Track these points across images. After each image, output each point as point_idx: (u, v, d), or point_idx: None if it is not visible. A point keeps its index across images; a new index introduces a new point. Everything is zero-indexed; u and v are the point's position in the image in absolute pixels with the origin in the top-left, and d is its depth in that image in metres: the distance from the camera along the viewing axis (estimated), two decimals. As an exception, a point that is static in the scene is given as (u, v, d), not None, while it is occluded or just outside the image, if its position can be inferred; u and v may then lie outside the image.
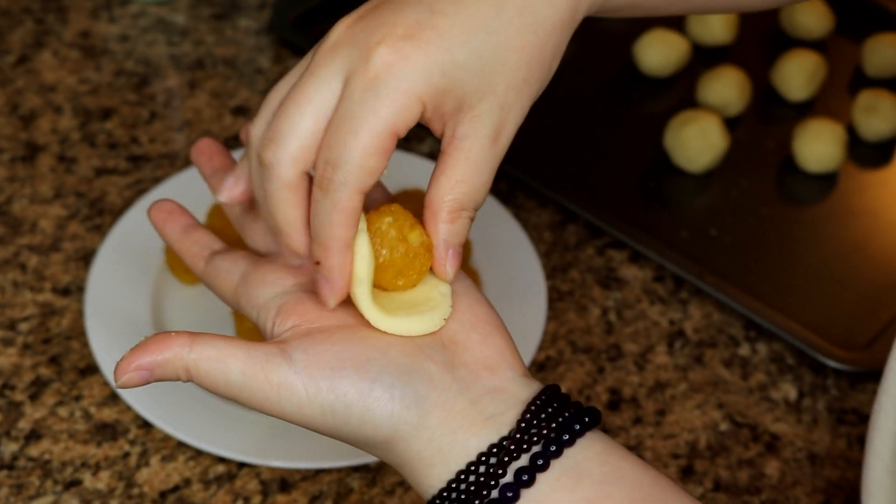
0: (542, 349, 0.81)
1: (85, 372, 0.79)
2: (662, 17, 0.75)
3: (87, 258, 0.85)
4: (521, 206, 0.91)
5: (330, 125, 0.51)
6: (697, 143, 0.92)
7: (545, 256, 0.87)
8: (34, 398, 0.77)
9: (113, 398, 0.77)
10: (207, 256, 0.59)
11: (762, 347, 0.83)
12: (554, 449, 0.49)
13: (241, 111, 0.97)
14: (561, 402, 0.51)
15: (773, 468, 0.76)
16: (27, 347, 0.80)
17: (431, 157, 0.93)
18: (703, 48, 1.05)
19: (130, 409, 0.76)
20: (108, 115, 0.97)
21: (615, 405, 0.79)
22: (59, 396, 0.77)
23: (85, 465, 0.74)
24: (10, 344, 0.80)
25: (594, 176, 0.94)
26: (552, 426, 0.50)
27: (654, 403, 0.79)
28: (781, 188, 0.95)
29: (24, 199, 0.90)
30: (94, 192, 0.90)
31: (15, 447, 0.75)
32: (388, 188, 0.60)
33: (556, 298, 0.85)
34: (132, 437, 0.75)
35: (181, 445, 0.75)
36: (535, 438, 0.50)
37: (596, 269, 0.87)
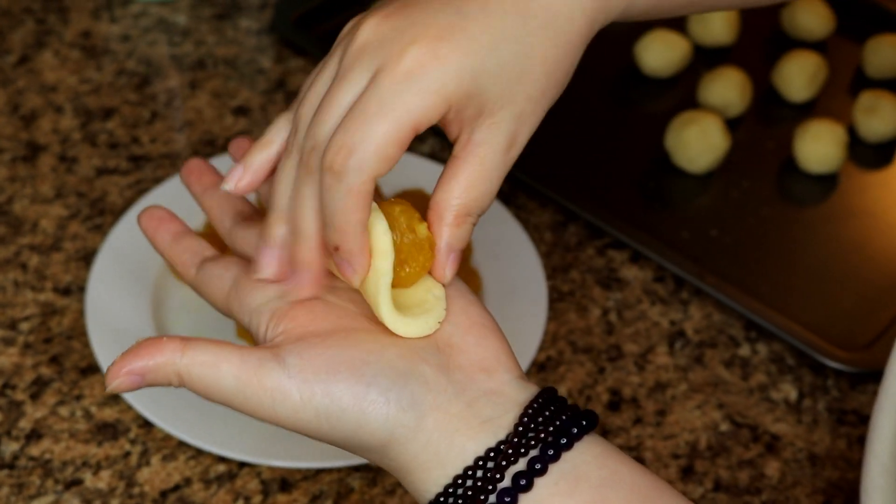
0: (542, 349, 0.81)
1: (86, 371, 0.79)
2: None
3: (87, 258, 0.85)
4: (521, 206, 0.91)
5: (349, 113, 0.51)
6: (698, 143, 0.92)
7: (546, 257, 0.87)
8: (35, 398, 0.77)
9: (114, 398, 0.77)
10: (198, 264, 0.59)
11: (762, 348, 0.83)
12: (552, 453, 0.49)
13: (242, 111, 0.97)
14: (558, 404, 0.51)
15: (773, 469, 0.76)
16: (28, 347, 0.80)
17: (431, 157, 0.93)
18: (704, 49, 1.05)
19: (131, 408, 0.76)
20: (109, 114, 0.97)
21: (615, 405, 0.79)
22: (59, 396, 0.77)
23: (86, 464, 0.74)
24: (10, 343, 0.80)
25: (595, 176, 0.94)
26: (549, 430, 0.50)
27: (654, 404, 0.79)
28: (782, 189, 0.95)
29: (24, 198, 0.90)
30: (94, 191, 0.90)
31: (16, 447, 0.75)
32: (388, 188, 0.60)
33: (556, 299, 0.85)
34: (133, 436, 0.75)
35: (182, 445, 0.75)
36: (532, 442, 0.49)
37: (596, 269, 0.87)
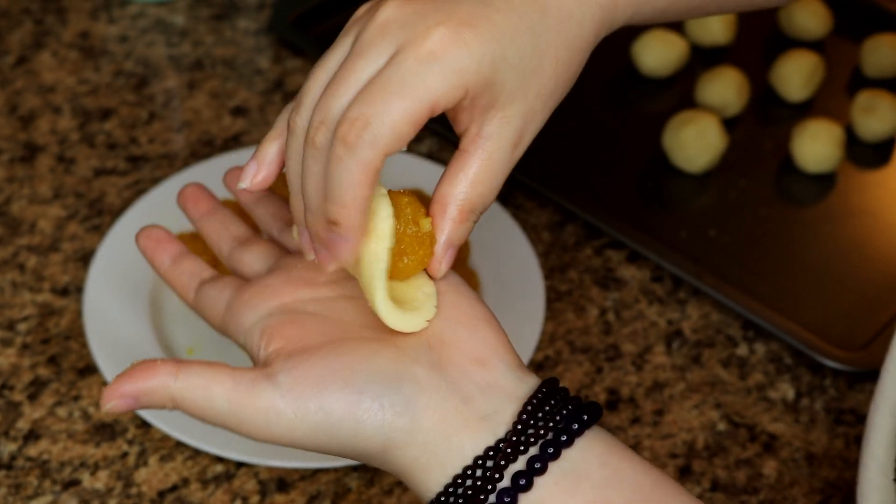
0: (540, 349, 0.81)
1: (83, 372, 0.79)
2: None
3: (85, 258, 0.85)
4: (519, 206, 0.91)
5: (368, 86, 0.50)
6: (696, 143, 0.92)
7: (543, 256, 0.87)
8: (33, 398, 0.77)
9: (111, 398, 0.77)
10: (196, 286, 0.60)
11: (760, 347, 0.83)
12: (552, 451, 0.49)
13: (240, 112, 0.97)
14: (559, 397, 0.50)
15: (770, 468, 0.76)
16: (26, 348, 0.80)
17: (431, 157, 0.93)
18: (701, 48, 1.05)
19: (129, 409, 0.76)
20: (107, 115, 0.97)
21: (613, 405, 0.79)
22: (57, 396, 0.77)
23: (83, 464, 0.74)
24: (8, 344, 0.80)
25: (593, 176, 0.94)
26: (549, 426, 0.49)
27: (652, 403, 0.79)
28: (780, 188, 0.95)
29: (23, 199, 0.90)
30: (93, 192, 0.90)
31: (13, 447, 0.75)
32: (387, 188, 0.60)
33: (554, 298, 0.85)
34: (130, 436, 0.75)
35: (179, 445, 0.75)
36: (532, 439, 0.49)
37: (594, 269, 0.87)
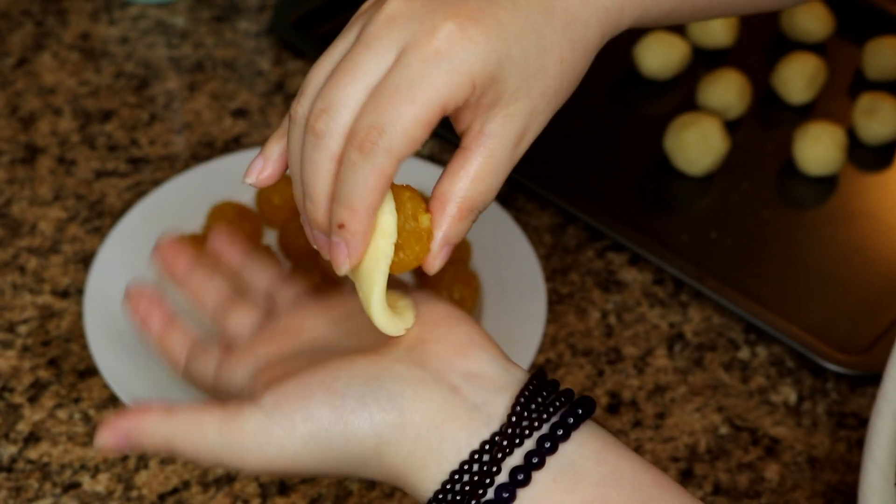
0: (541, 352, 0.81)
1: (84, 374, 0.78)
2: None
3: (86, 260, 0.85)
4: (520, 208, 0.91)
5: (378, 90, 0.50)
6: (697, 145, 0.92)
7: (545, 259, 0.87)
8: (33, 400, 0.77)
9: (112, 400, 0.77)
10: (185, 357, 0.61)
11: (762, 351, 0.82)
12: (549, 446, 0.49)
13: (240, 113, 0.97)
14: (550, 389, 0.51)
15: (772, 472, 0.76)
16: (26, 350, 0.80)
17: (430, 158, 0.93)
18: (703, 51, 1.04)
19: (129, 411, 0.76)
20: (107, 117, 0.97)
21: (615, 408, 0.79)
22: (58, 399, 0.77)
23: (84, 467, 0.74)
24: (9, 346, 0.80)
25: (594, 178, 0.94)
26: (543, 418, 0.49)
27: (653, 407, 0.79)
28: (782, 191, 0.95)
29: (23, 201, 0.90)
30: (93, 194, 0.90)
31: (14, 450, 0.75)
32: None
33: (555, 301, 0.85)
34: (131, 439, 0.75)
35: (180, 448, 0.75)
36: (526, 432, 0.49)
37: (596, 271, 0.87)
